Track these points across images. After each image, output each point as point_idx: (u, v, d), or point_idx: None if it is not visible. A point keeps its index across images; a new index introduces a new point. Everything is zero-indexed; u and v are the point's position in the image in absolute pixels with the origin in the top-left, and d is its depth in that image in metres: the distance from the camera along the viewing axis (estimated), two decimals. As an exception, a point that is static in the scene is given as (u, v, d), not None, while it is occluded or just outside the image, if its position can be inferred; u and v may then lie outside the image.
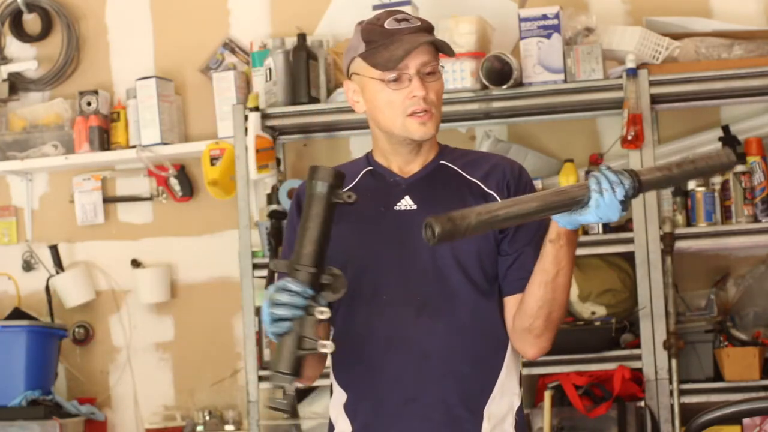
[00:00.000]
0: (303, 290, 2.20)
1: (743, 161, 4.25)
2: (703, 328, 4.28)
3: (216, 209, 4.88)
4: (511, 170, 2.49)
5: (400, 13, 2.47)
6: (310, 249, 2.21)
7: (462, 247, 2.39)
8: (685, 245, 4.22)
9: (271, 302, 2.22)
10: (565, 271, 2.33)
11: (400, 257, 2.42)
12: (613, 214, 2.17)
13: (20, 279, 5.04)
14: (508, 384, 2.46)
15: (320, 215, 2.23)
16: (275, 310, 2.20)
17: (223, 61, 4.92)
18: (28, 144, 4.95)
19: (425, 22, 2.46)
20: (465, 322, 2.41)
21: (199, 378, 4.88)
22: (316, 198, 2.23)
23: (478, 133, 4.66)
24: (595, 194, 2.16)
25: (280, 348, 2.20)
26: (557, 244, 2.29)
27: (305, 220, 2.24)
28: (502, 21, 4.50)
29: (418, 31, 2.42)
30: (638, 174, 2.19)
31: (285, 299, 2.20)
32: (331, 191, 2.23)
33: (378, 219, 2.46)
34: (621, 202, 2.16)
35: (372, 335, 2.42)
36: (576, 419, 4.19)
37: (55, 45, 5.06)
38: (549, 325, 2.39)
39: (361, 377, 2.46)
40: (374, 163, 2.54)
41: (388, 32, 2.41)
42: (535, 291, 2.36)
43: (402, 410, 2.41)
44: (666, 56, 4.26)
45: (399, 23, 2.42)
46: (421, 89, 2.41)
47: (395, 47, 2.39)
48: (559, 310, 2.38)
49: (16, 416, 4.59)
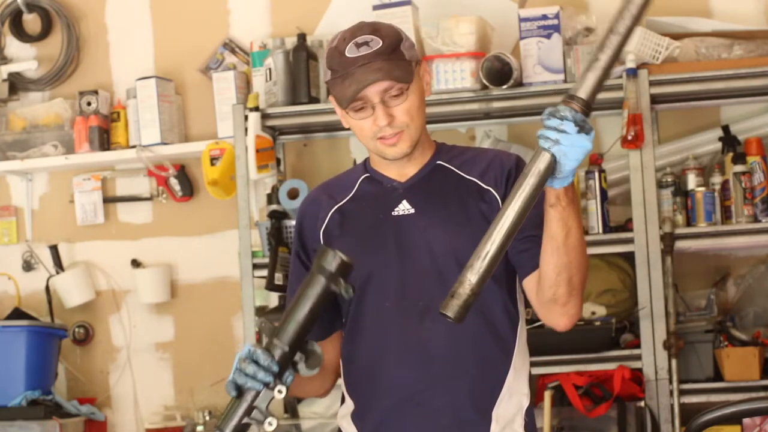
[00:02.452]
0: (269, 366, 2.16)
1: (743, 161, 4.25)
2: (703, 328, 4.27)
3: (216, 209, 4.88)
4: (508, 162, 2.48)
5: (363, 32, 2.41)
6: (292, 328, 2.18)
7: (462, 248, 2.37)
8: (685, 245, 4.22)
9: (237, 368, 2.18)
10: (574, 231, 2.26)
11: (400, 263, 2.42)
12: (584, 145, 2.09)
13: (20, 279, 5.04)
14: (517, 384, 2.45)
15: (314, 298, 2.19)
16: (238, 378, 2.17)
17: (223, 61, 4.92)
18: (28, 144, 4.95)
19: (387, 40, 2.39)
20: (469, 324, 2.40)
21: (199, 378, 4.88)
22: (317, 281, 2.19)
23: (478, 133, 4.66)
24: (554, 148, 2.09)
25: (230, 409, 2.20)
26: (558, 206, 2.23)
27: (300, 294, 2.20)
28: (502, 21, 4.50)
29: (378, 58, 2.36)
30: (573, 95, 2.09)
31: (250, 371, 2.16)
32: (333, 279, 2.19)
33: (377, 226, 2.46)
34: (579, 132, 2.07)
35: (377, 342, 2.42)
36: (576, 419, 4.19)
37: (55, 45, 5.06)
38: (572, 290, 2.33)
39: (367, 385, 2.46)
40: (371, 170, 2.54)
41: (345, 62, 2.38)
42: (549, 259, 2.30)
43: (409, 416, 2.41)
44: (666, 56, 4.26)
45: (358, 49, 2.38)
46: (384, 118, 2.38)
47: (348, 83, 2.37)
48: (579, 272, 2.32)
49: (16, 416, 4.59)
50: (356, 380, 2.48)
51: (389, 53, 2.38)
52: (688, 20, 4.45)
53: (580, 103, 2.09)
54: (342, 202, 2.53)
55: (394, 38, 2.41)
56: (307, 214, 2.56)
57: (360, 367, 2.47)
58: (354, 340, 2.46)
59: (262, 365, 2.15)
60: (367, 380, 2.46)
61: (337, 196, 2.54)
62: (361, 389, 2.47)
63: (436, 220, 2.44)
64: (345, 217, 2.50)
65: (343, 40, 2.41)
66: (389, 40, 2.40)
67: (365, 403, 2.47)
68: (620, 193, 4.45)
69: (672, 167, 4.39)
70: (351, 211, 2.51)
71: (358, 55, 2.37)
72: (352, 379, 2.50)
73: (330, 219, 2.51)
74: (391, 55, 2.38)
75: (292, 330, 2.18)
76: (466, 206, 2.45)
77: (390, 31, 2.43)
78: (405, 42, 2.43)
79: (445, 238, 2.42)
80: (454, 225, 2.42)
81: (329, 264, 2.17)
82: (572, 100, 2.09)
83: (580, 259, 2.30)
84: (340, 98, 2.40)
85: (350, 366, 2.49)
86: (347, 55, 2.38)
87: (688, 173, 4.32)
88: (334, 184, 2.60)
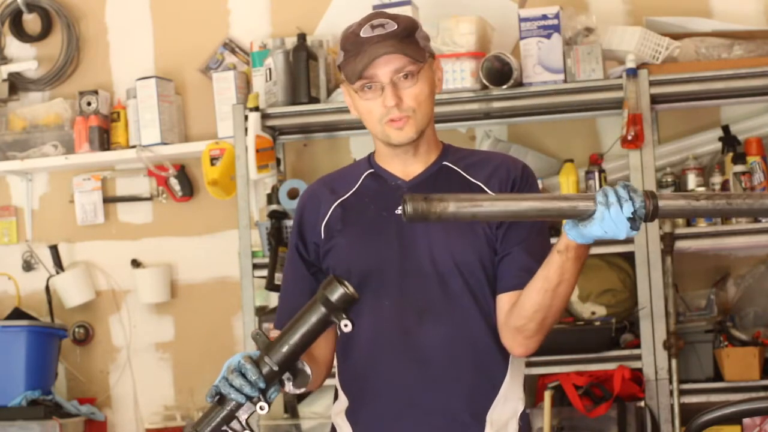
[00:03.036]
0: (255, 382, 2.18)
1: (743, 161, 4.25)
2: (703, 328, 4.28)
3: (216, 209, 4.88)
4: (514, 169, 2.48)
5: (380, 16, 2.43)
6: (285, 350, 2.20)
7: (463, 253, 2.39)
8: (685, 245, 4.21)
9: (224, 377, 2.20)
10: (568, 282, 2.30)
11: (401, 263, 2.42)
12: (620, 231, 2.11)
13: (20, 279, 5.04)
14: (512, 390, 2.46)
15: (309, 325, 2.20)
16: (222, 387, 2.19)
17: (223, 61, 4.92)
18: (28, 144, 4.95)
19: (403, 25, 2.42)
20: (467, 328, 2.41)
21: (199, 378, 4.87)
22: (317, 309, 2.20)
23: (478, 133, 4.66)
24: (600, 206, 2.11)
25: (209, 413, 2.21)
26: (564, 255, 2.26)
27: (299, 318, 2.21)
28: (502, 21, 4.50)
29: (392, 38, 2.38)
30: (656, 196, 2.11)
31: (237, 384, 2.18)
32: (334, 311, 2.19)
33: (380, 224, 2.46)
34: (630, 219, 2.10)
35: (374, 341, 2.42)
36: (576, 419, 4.19)
37: (55, 45, 5.06)
38: (542, 329, 2.37)
39: (363, 382, 2.46)
40: (375, 166, 2.54)
41: (359, 41, 2.39)
42: (534, 296, 2.34)
43: (403, 415, 2.41)
44: (666, 56, 4.26)
45: (373, 30, 2.39)
46: (392, 98, 2.39)
47: (359, 59, 2.38)
48: (555, 316, 2.37)
49: (16, 416, 4.59)
50: (351, 377, 2.48)
51: (404, 36, 2.40)
52: (688, 20, 4.45)
53: (653, 206, 2.10)
54: (345, 197, 2.52)
55: (410, 24, 2.43)
56: (308, 208, 2.55)
57: (355, 364, 2.47)
58: (351, 335, 2.44)
59: (249, 380, 2.18)
60: (362, 378, 2.46)
61: (340, 191, 2.53)
62: (356, 386, 2.47)
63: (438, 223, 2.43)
64: (347, 212, 2.50)
65: (359, 25, 2.43)
66: (405, 24, 2.42)
67: (359, 400, 2.47)
68: (620, 193, 4.44)
69: (672, 167, 4.39)
70: (353, 206, 2.50)
71: (373, 35, 2.38)
72: (347, 375, 2.50)
73: (332, 213, 2.51)
74: (405, 38, 2.40)
75: (283, 351, 2.21)
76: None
77: (406, 18, 2.45)
78: (420, 32, 2.45)
79: (446, 241, 2.42)
80: (456, 228, 2.42)
81: (332, 295, 2.18)
82: (652, 198, 2.11)
83: (560, 306, 2.35)
84: (350, 74, 2.40)
85: (345, 362, 2.49)
86: (361, 35, 2.40)
87: (688, 173, 4.33)
88: (336, 178, 2.59)
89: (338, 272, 2.39)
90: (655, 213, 2.10)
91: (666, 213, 2.12)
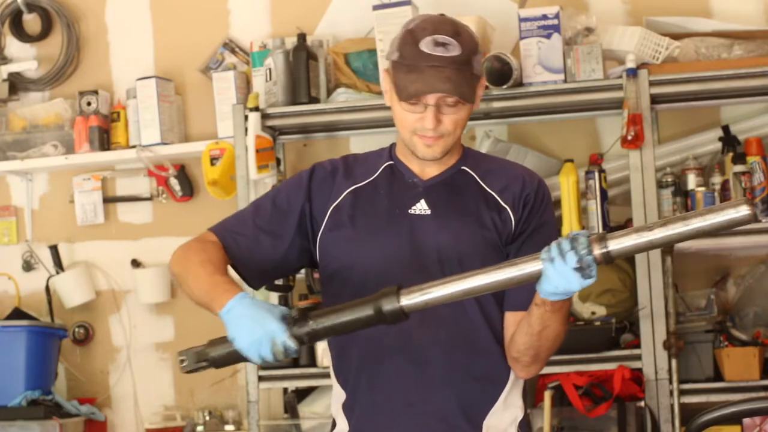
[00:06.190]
0: (290, 355, 2.26)
1: (743, 161, 4.25)
2: (703, 328, 4.27)
3: (216, 209, 4.85)
4: (529, 184, 2.47)
5: (444, 30, 2.38)
6: (328, 323, 2.24)
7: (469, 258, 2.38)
8: (685, 245, 4.20)
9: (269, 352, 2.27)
10: (552, 328, 2.32)
11: (408, 262, 2.42)
12: (570, 283, 2.09)
13: (20, 279, 5.04)
14: (512, 398, 2.46)
15: (351, 316, 2.23)
16: (261, 349, 2.29)
17: (223, 61, 4.92)
18: (28, 144, 4.95)
19: (466, 50, 2.37)
20: (469, 334, 2.41)
21: (199, 378, 4.86)
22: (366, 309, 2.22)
23: (478, 133, 4.66)
24: (546, 263, 2.10)
25: (229, 350, 2.46)
26: (542, 308, 2.28)
27: (347, 307, 2.24)
28: (502, 21, 4.50)
29: (451, 65, 2.33)
30: (606, 238, 2.04)
31: (271, 361, 2.27)
32: (380, 319, 2.23)
33: (392, 220, 2.45)
34: (577, 269, 2.08)
35: (374, 337, 2.41)
36: (576, 419, 4.19)
37: (55, 45, 5.06)
38: (537, 361, 2.41)
39: (360, 378, 2.46)
40: (395, 158, 2.53)
41: (417, 55, 2.35)
42: (522, 335, 2.37)
43: (399, 415, 2.42)
44: (666, 56, 4.26)
45: (435, 48, 2.35)
46: (432, 122, 2.37)
47: (414, 78, 2.34)
48: (548, 351, 2.39)
49: (16, 416, 4.59)
50: (349, 371, 2.48)
51: (462, 63, 2.36)
52: (688, 20, 4.45)
53: (602, 250, 2.05)
54: (360, 184, 2.51)
55: (470, 49, 2.39)
56: (321, 180, 2.52)
57: (354, 358, 2.46)
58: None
59: (290, 354, 2.24)
60: (360, 372, 2.46)
61: (357, 177, 2.52)
62: (353, 381, 2.47)
63: (449, 226, 2.43)
64: (359, 200, 2.48)
65: (422, 30, 2.38)
66: (467, 49, 2.37)
67: (356, 395, 2.47)
68: (620, 193, 4.45)
69: (672, 167, 4.39)
70: (366, 197, 2.49)
71: (433, 54, 2.34)
72: (344, 368, 2.50)
73: (344, 198, 2.49)
74: (463, 66, 2.36)
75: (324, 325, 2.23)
76: (481, 218, 2.44)
77: (469, 39, 2.40)
78: (478, 55, 2.41)
79: (455, 246, 2.41)
80: (468, 235, 2.42)
81: (387, 305, 2.20)
82: (601, 242, 2.05)
83: (551, 345, 2.37)
84: (401, 88, 2.37)
85: (343, 355, 2.49)
86: (422, 48, 2.35)
87: (688, 173, 4.32)
88: (358, 162, 2.56)
89: (342, 264, 2.39)
90: (607, 256, 2.04)
91: (622, 252, 2.04)
